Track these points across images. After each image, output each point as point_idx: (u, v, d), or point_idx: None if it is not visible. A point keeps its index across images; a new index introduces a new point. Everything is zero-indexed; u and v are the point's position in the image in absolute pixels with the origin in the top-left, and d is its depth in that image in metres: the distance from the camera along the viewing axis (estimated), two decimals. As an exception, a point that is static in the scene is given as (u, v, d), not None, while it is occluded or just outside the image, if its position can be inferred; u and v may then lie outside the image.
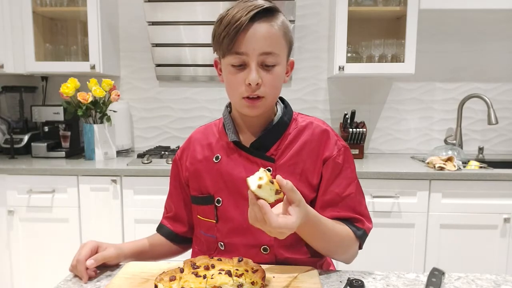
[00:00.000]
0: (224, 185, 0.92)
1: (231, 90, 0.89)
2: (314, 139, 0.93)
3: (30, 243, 1.97)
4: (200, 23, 2.27)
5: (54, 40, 2.38)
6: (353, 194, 0.91)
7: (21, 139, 2.28)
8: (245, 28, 0.81)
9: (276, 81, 0.87)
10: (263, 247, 0.89)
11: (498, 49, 2.38)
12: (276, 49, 0.85)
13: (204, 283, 0.71)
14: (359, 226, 0.91)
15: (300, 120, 0.96)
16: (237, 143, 0.93)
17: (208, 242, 0.95)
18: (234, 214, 0.91)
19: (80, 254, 0.86)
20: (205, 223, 0.95)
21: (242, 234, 0.90)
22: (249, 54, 0.83)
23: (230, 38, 0.82)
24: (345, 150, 0.94)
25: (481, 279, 0.83)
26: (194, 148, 0.99)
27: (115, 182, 1.91)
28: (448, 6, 2.28)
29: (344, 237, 0.88)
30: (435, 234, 1.88)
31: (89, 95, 2.06)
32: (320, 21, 2.39)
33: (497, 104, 2.35)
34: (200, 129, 1.04)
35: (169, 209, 1.05)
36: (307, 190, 0.90)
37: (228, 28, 0.82)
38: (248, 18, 0.81)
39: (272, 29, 0.84)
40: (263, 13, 0.83)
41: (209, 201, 0.94)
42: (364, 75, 2.27)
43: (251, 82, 0.83)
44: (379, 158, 2.27)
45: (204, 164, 0.96)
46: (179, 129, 2.51)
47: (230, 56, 0.85)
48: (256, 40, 0.82)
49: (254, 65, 0.84)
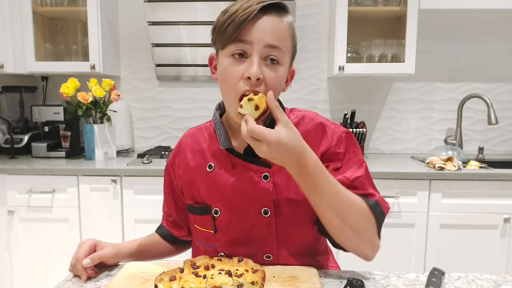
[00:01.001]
0: (219, 196, 0.88)
1: (226, 87, 0.80)
2: (308, 134, 0.86)
3: (30, 243, 1.97)
4: (200, 23, 2.27)
5: (54, 40, 2.38)
6: (362, 177, 0.85)
7: (21, 139, 2.28)
8: (254, 17, 0.76)
9: (278, 82, 0.80)
10: (265, 255, 0.88)
11: (498, 49, 2.38)
12: (283, 46, 0.79)
13: (204, 283, 0.71)
14: (369, 199, 0.82)
15: (293, 117, 0.90)
16: (230, 150, 0.88)
17: (207, 252, 0.92)
18: (233, 226, 0.87)
19: (78, 252, 0.85)
20: (203, 233, 0.92)
21: (243, 245, 0.88)
22: (254, 43, 0.77)
23: (236, 25, 0.76)
24: (347, 135, 0.88)
25: (481, 279, 0.83)
26: (185, 154, 0.94)
27: (115, 182, 1.91)
28: (448, 6, 2.28)
29: (355, 204, 0.78)
30: (435, 234, 1.88)
31: (89, 95, 2.06)
32: (320, 21, 2.39)
33: (497, 104, 2.35)
34: (189, 133, 0.99)
35: (168, 214, 1.02)
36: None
37: (235, 16, 0.76)
38: (259, 7, 0.76)
39: (282, 24, 0.80)
40: (274, 8, 0.79)
41: (206, 211, 0.89)
42: (364, 75, 2.27)
43: (251, 75, 0.75)
44: (379, 158, 2.27)
45: (197, 172, 0.91)
46: (179, 129, 2.51)
47: (232, 45, 0.78)
48: (263, 30, 0.77)
49: (256, 57, 0.77)
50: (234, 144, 0.89)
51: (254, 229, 0.86)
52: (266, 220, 0.86)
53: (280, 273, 0.82)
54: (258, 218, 0.86)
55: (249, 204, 0.86)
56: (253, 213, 0.86)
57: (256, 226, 0.86)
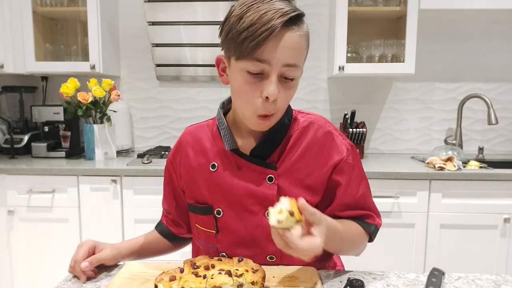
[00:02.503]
0: (223, 196, 0.87)
1: (244, 102, 0.79)
2: (317, 142, 0.88)
3: (30, 243, 1.97)
4: (200, 23, 2.27)
5: (54, 40, 2.38)
6: (365, 193, 0.91)
7: (21, 139, 2.28)
8: (277, 35, 0.72)
9: (291, 96, 0.81)
10: (269, 256, 0.88)
11: (498, 49, 2.38)
12: (299, 62, 0.78)
13: (204, 283, 0.71)
14: (369, 222, 0.90)
15: (301, 120, 0.90)
16: (235, 150, 0.87)
17: (208, 252, 0.91)
18: (236, 227, 0.87)
19: (77, 254, 0.85)
20: (204, 233, 0.91)
21: (246, 246, 0.87)
22: (272, 64, 0.74)
23: (257, 42, 0.72)
24: (352, 148, 0.90)
25: (481, 279, 0.83)
26: (186, 153, 0.93)
27: (115, 182, 1.91)
28: (448, 6, 2.28)
29: (357, 236, 0.88)
30: (435, 234, 1.88)
31: (89, 95, 2.06)
32: (320, 21, 2.39)
33: (497, 104, 2.35)
34: (189, 131, 0.96)
35: (168, 211, 1.02)
36: (310, 195, 0.86)
37: (254, 30, 0.71)
38: (282, 23, 0.72)
39: (300, 40, 0.76)
40: (294, 19, 0.75)
41: (207, 211, 0.89)
42: (364, 75, 2.27)
43: (269, 96, 0.75)
44: (379, 158, 2.27)
45: (199, 172, 0.90)
46: (179, 129, 2.50)
47: (249, 62, 0.74)
48: (283, 49, 0.73)
49: (275, 77, 0.75)
50: (239, 143, 0.88)
51: (257, 231, 0.86)
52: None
53: (280, 273, 0.82)
54: (261, 220, 0.86)
55: (253, 206, 0.86)
56: (256, 215, 0.86)
57: (259, 227, 0.86)
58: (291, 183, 0.85)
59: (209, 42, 2.30)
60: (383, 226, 0.93)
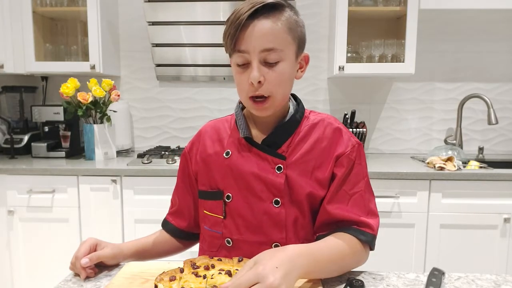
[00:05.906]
0: (234, 181, 0.91)
1: (239, 90, 0.89)
2: (326, 137, 0.92)
3: (30, 243, 1.97)
4: (200, 23, 2.27)
5: (54, 40, 2.38)
6: (362, 191, 0.89)
7: (21, 139, 2.28)
8: (244, 25, 0.81)
9: (282, 78, 0.86)
10: (274, 244, 0.89)
11: (498, 49, 2.38)
12: (279, 45, 0.83)
13: (204, 283, 0.71)
14: (366, 231, 0.86)
15: (312, 118, 0.95)
16: (249, 139, 0.92)
17: (213, 238, 0.94)
18: (244, 211, 0.90)
19: (79, 251, 0.86)
20: (211, 218, 0.94)
21: (252, 231, 0.89)
22: (250, 52, 0.82)
23: (231, 37, 0.82)
24: (358, 147, 0.92)
25: (481, 279, 0.83)
26: (204, 142, 0.98)
27: (115, 182, 1.91)
28: (448, 6, 2.28)
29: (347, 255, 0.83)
30: (435, 234, 1.88)
31: (89, 95, 2.06)
32: (320, 21, 2.39)
33: (497, 104, 2.35)
34: (210, 124, 1.02)
35: (174, 203, 1.04)
36: (317, 188, 0.89)
37: (230, 26, 0.82)
38: (247, 15, 0.80)
39: (274, 25, 0.82)
40: (265, 9, 0.81)
41: (218, 196, 0.93)
42: (364, 75, 2.27)
43: (252, 80, 0.82)
44: (379, 158, 2.27)
45: (214, 159, 0.95)
46: (179, 129, 2.51)
47: (235, 55, 0.85)
48: (255, 37, 0.81)
49: (255, 63, 0.82)
50: (253, 133, 0.94)
51: (264, 218, 0.89)
52: (276, 210, 0.88)
53: (280, 273, 0.82)
54: (269, 207, 0.88)
55: (262, 192, 0.89)
56: (264, 201, 0.89)
57: (266, 215, 0.89)
58: (299, 174, 0.88)
59: (209, 42, 2.30)
60: (383, 226, 0.90)
